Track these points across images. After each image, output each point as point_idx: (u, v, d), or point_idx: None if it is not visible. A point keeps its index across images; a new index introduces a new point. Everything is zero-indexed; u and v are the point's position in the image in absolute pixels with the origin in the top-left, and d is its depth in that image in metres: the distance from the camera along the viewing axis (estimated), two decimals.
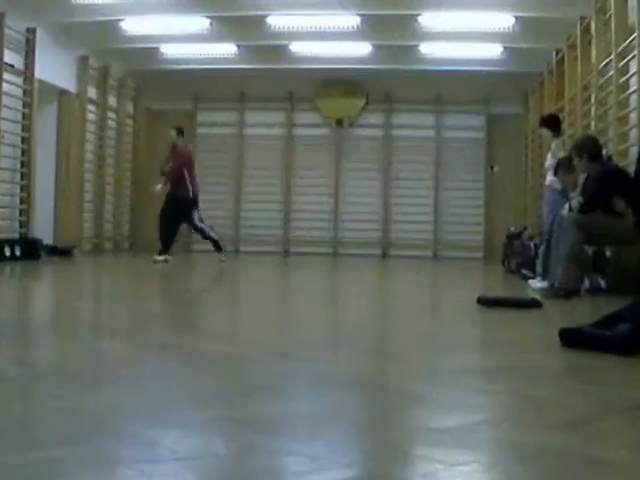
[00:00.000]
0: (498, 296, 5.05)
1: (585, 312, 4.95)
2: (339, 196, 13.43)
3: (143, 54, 11.73)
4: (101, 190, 12.11)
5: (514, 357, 2.98)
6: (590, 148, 5.88)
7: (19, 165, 9.80)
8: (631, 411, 2.03)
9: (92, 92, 11.73)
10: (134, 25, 10.47)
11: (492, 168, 13.18)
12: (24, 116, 9.70)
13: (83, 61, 11.32)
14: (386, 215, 13.33)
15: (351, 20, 10.19)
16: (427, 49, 11.19)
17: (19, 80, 9.57)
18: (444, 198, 13.21)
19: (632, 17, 7.00)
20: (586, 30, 8.52)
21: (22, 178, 9.82)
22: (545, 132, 7.58)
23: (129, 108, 13.05)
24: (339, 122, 13.35)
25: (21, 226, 9.79)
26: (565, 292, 5.40)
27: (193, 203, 9.39)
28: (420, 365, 2.72)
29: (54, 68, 10.44)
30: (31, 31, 9.62)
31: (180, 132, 9.57)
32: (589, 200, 5.64)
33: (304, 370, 2.59)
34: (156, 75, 12.66)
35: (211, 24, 10.42)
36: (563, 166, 6.54)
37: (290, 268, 10.53)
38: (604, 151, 6.38)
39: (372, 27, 10.30)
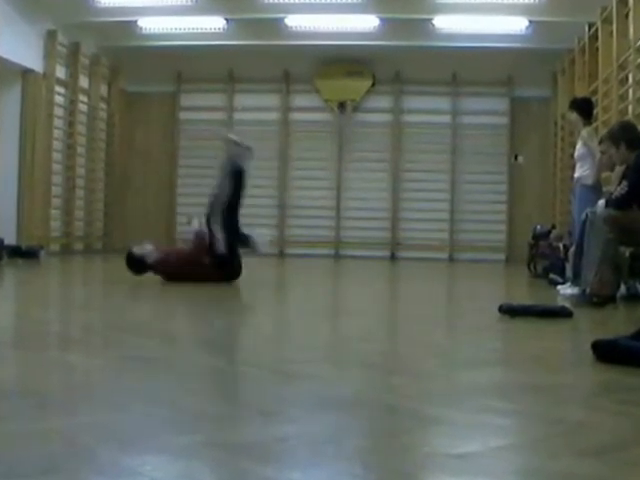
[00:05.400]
0: (523, 304, 5.06)
1: (621, 322, 4.96)
2: (341, 190, 13.44)
3: (119, 29, 11.74)
4: (71, 183, 12.12)
5: (540, 374, 2.99)
6: (628, 135, 5.88)
7: None
8: None
9: (61, 72, 11.73)
10: None
11: (516, 158, 13.20)
12: None
13: (50, 36, 11.32)
14: (395, 212, 13.34)
15: None
16: (442, 23, 11.20)
17: None
18: (461, 192, 13.23)
19: None
20: (623, 1, 8.53)
21: None
22: (574, 117, 7.56)
23: (103, 90, 13.05)
24: (342, 106, 13.37)
25: None
26: (598, 299, 5.40)
27: None
28: (435, 383, 2.73)
29: (17, 44, 10.45)
30: None
31: None
32: (629, 191, 5.63)
33: (304, 388, 2.60)
34: (133, 53, 12.67)
35: None
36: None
37: (287, 271, 10.53)
38: None
39: None
